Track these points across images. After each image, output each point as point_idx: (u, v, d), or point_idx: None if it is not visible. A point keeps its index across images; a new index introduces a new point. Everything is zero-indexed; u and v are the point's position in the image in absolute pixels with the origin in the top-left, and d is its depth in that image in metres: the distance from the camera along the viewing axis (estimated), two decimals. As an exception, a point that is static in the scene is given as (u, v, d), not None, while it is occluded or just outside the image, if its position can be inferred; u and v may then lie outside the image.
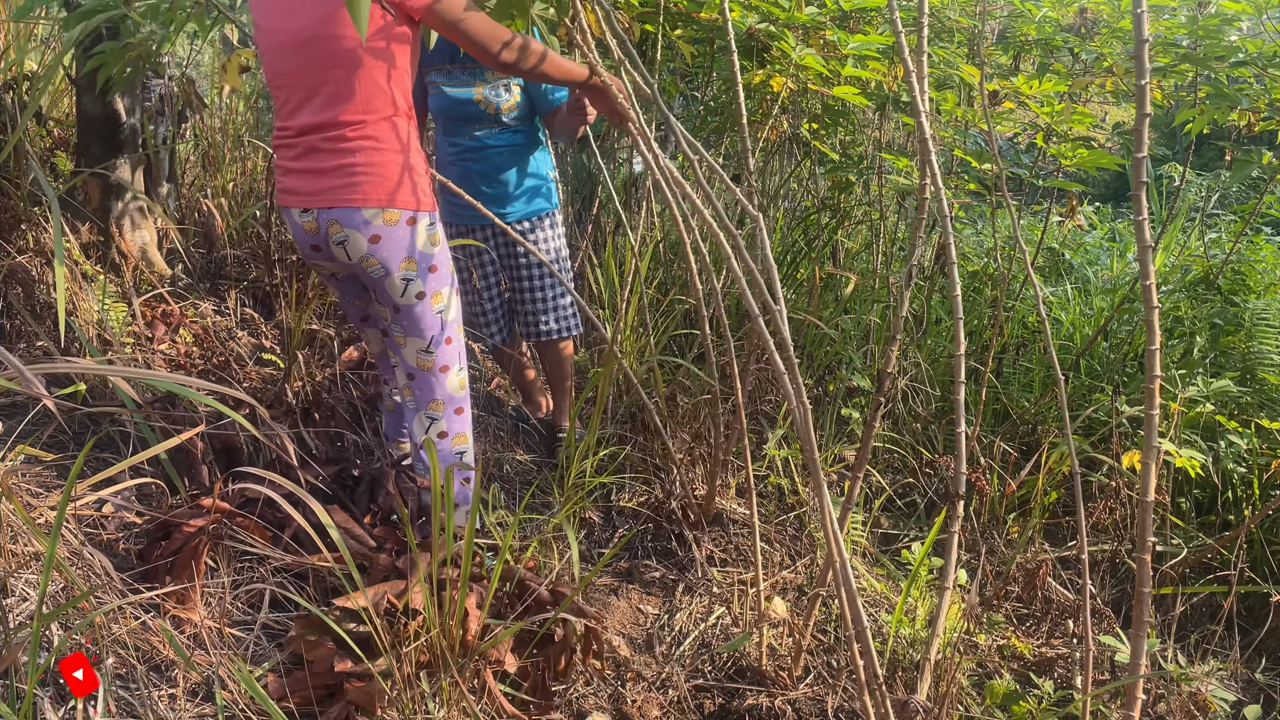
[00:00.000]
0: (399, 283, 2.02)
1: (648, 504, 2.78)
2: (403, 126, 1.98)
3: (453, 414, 2.13)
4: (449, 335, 2.10)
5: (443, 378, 2.11)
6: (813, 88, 3.29)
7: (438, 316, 2.07)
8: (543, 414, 3.33)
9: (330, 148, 1.96)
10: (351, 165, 1.95)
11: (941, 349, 3.76)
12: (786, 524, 2.81)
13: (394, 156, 1.97)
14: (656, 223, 4.44)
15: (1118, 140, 3.61)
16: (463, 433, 2.15)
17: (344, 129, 1.94)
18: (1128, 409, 3.21)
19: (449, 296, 2.09)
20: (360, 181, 1.96)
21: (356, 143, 1.95)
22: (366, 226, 1.97)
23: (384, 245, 1.98)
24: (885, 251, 4.09)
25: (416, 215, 2.01)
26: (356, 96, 1.93)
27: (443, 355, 2.09)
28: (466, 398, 2.16)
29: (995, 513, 3.05)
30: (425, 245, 2.02)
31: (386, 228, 1.97)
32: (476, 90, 2.75)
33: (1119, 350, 4.11)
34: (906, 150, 4.71)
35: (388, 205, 1.97)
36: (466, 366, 2.16)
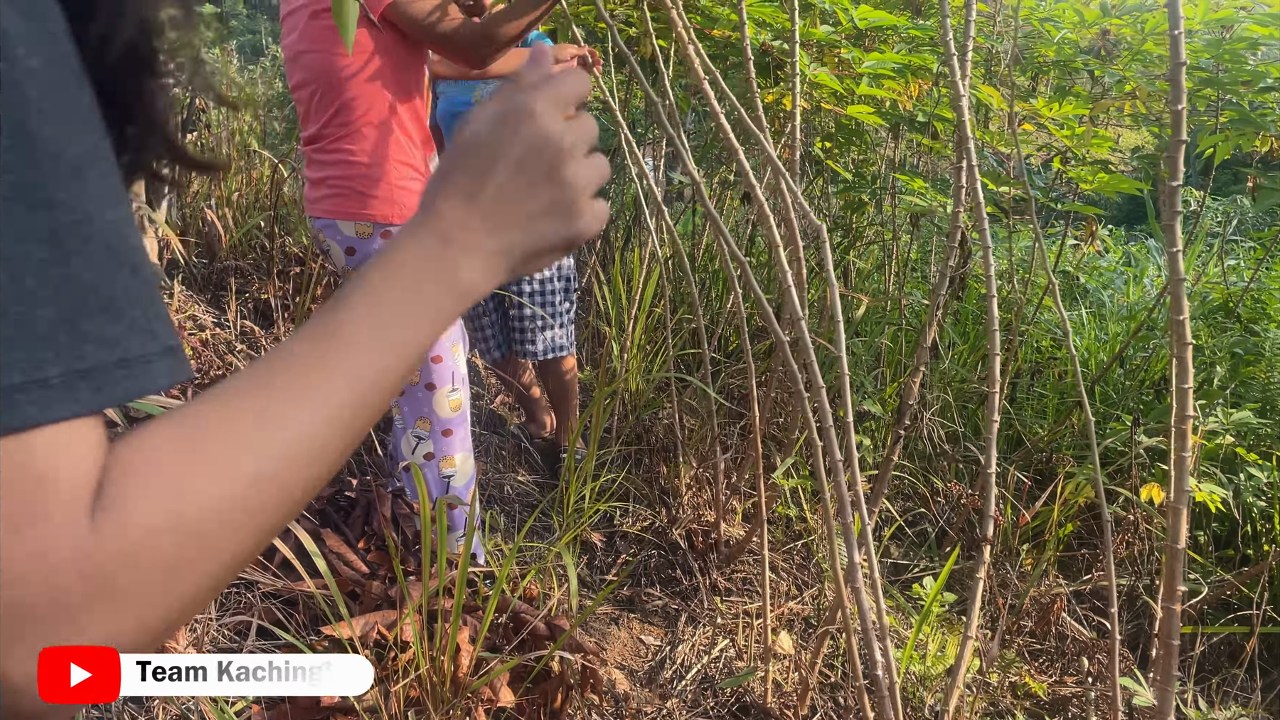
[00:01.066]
0: None
1: (652, 529, 2.71)
2: (383, 138, 1.94)
3: (440, 435, 2.06)
4: (437, 353, 2.02)
5: (429, 395, 2.04)
6: (826, 106, 3.23)
7: None
8: (546, 433, 3.26)
9: (318, 159, 1.97)
10: (329, 178, 1.95)
11: (955, 373, 3.68)
12: (794, 552, 2.74)
13: (368, 169, 1.93)
14: (665, 239, 4.39)
15: (1134, 164, 3.54)
16: (450, 456, 2.08)
17: (325, 141, 1.95)
18: (1145, 439, 3.14)
19: None
20: (336, 194, 1.94)
21: (334, 155, 1.94)
22: (343, 239, 1.95)
23: (358, 259, 1.95)
24: (898, 273, 4.02)
25: (391, 229, 1.95)
26: (334, 109, 1.92)
27: (430, 373, 2.02)
28: (459, 420, 2.09)
29: (1009, 544, 2.97)
30: None
31: (360, 241, 1.94)
32: (476, 92, 2.71)
33: (1134, 376, 4.03)
34: (920, 170, 4.64)
35: (358, 218, 1.93)
36: (462, 388, 2.08)
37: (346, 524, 2.07)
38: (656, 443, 3.05)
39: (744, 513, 2.81)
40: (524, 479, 2.92)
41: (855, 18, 2.92)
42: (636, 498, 2.88)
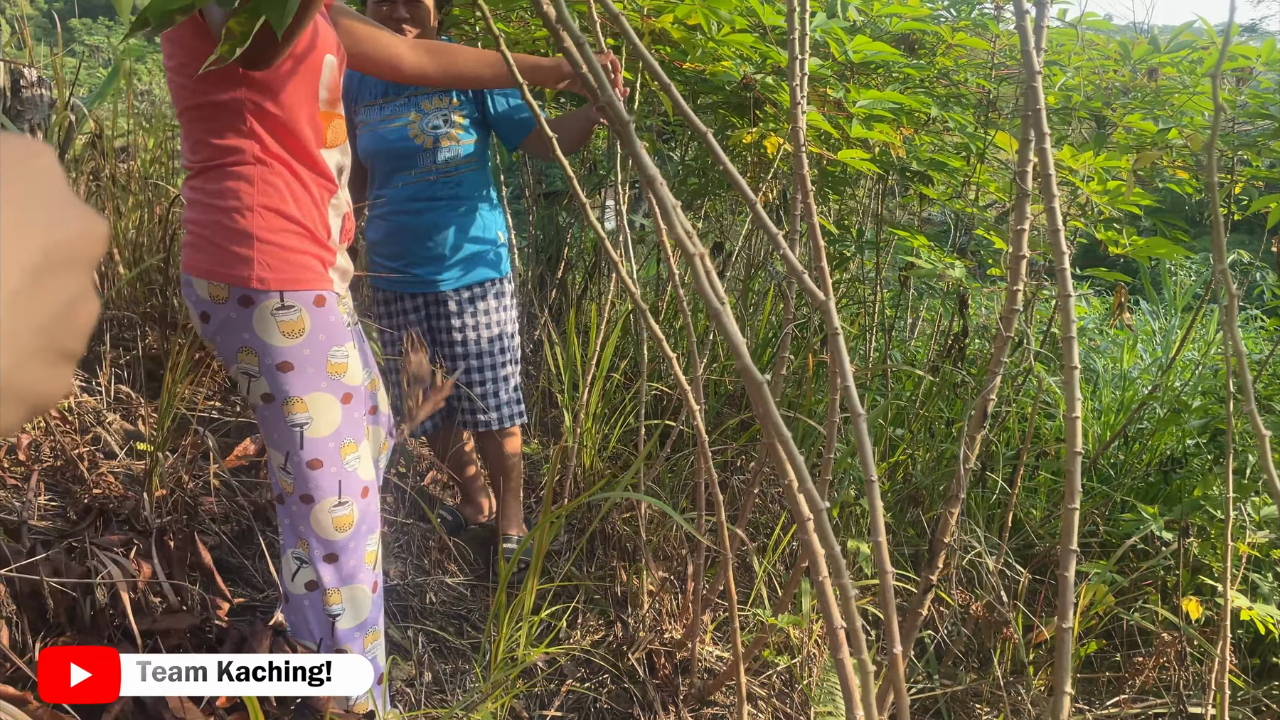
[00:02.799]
0: (240, 377, 1.55)
1: (605, 645, 2.26)
2: (253, 174, 1.49)
3: (322, 561, 1.59)
4: (316, 457, 1.56)
5: (305, 510, 1.58)
6: (813, 150, 2.85)
7: (294, 430, 1.55)
8: (483, 518, 2.80)
9: (185, 197, 1.54)
10: (188, 222, 1.53)
11: (947, 450, 3.28)
12: (774, 676, 2.29)
13: (226, 216, 1.49)
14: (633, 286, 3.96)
15: (1148, 223, 3.20)
16: (335, 589, 1.61)
17: (188, 175, 1.51)
18: (1166, 534, 2.75)
19: (319, 408, 1.55)
20: (190, 243, 1.52)
21: (192, 195, 1.52)
22: (196, 299, 1.52)
23: (213, 327, 1.52)
24: (880, 339, 3.64)
25: (253, 294, 1.50)
26: (191, 140, 1.51)
27: (305, 481, 1.57)
28: (348, 543, 1.61)
29: (1018, 659, 2.56)
30: (271, 334, 1.51)
31: (213, 305, 1.50)
32: (411, 121, 2.28)
33: (1132, 452, 3.67)
34: (901, 223, 4.29)
35: (211, 276, 1.49)
36: (357, 501, 1.62)
37: (209, 668, 1.59)
38: (613, 534, 2.60)
39: (716, 627, 2.37)
40: (453, 581, 2.45)
41: (850, 50, 2.54)
42: (588, 598, 2.42)
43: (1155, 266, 6.49)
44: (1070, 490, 1.20)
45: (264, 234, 1.50)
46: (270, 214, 1.50)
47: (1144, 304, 5.55)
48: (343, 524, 1.59)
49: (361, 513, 1.62)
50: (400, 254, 2.39)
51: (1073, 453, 1.22)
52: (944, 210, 5.14)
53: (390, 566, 2.41)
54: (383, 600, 1.69)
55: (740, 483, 2.72)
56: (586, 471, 2.84)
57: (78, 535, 1.70)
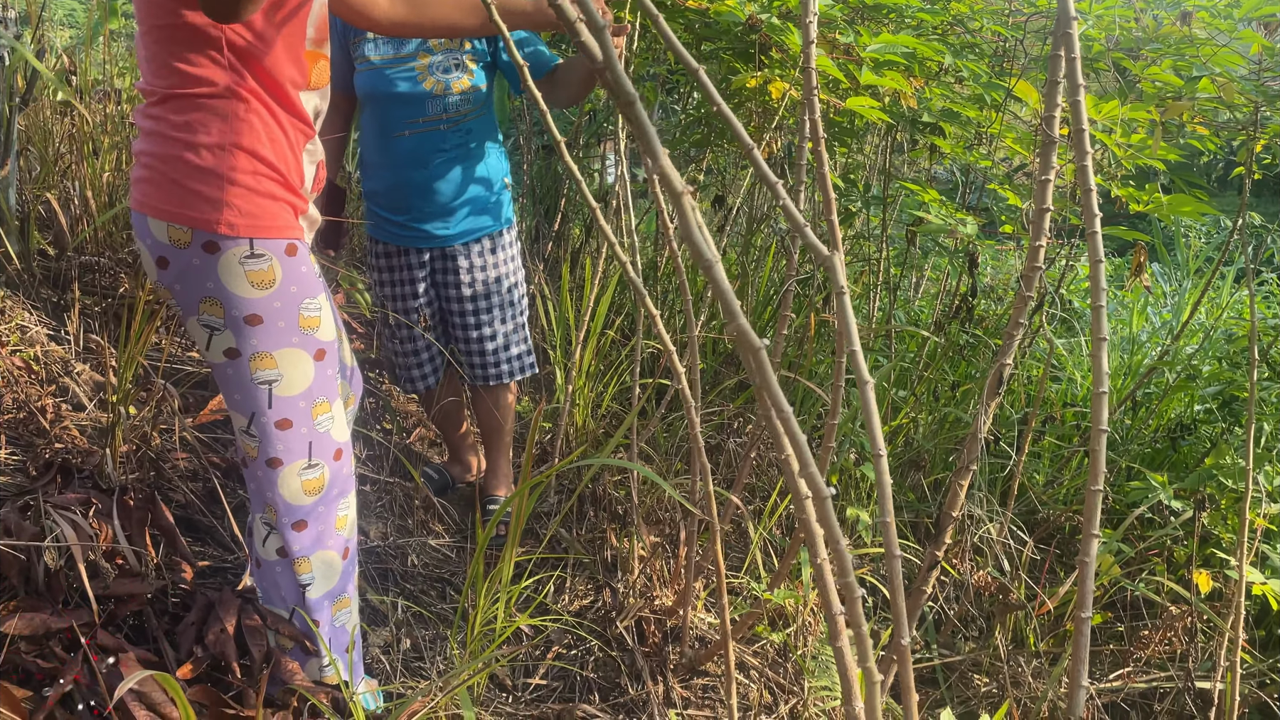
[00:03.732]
0: (199, 330, 1.42)
1: (592, 611, 2.18)
2: (226, 108, 1.36)
3: (290, 529, 1.49)
4: (285, 417, 1.46)
5: (272, 475, 1.47)
6: (821, 97, 2.72)
7: (261, 388, 1.44)
8: (471, 477, 2.71)
9: (139, 123, 1.40)
10: (141, 154, 1.39)
11: (950, 415, 3.19)
12: (768, 646, 2.22)
13: (193, 152, 1.35)
14: (626, 243, 3.84)
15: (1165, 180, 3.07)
16: (304, 558, 1.51)
17: (149, 101, 1.38)
18: (1176, 504, 2.67)
19: (289, 364, 1.44)
20: (146, 177, 1.38)
21: (150, 125, 1.37)
22: (153, 243, 1.38)
23: (172, 274, 1.39)
24: (885, 298, 3.53)
25: (220, 240, 1.37)
26: (155, 62, 1.36)
27: (271, 443, 1.46)
28: (322, 510, 1.52)
29: (1020, 633, 2.48)
30: (239, 284, 1.39)
31: (174, 250, 1.37)
32: (419, 62, 2.14)
33: (1139, 418, 3.58)
34: (908, 178, 4.15)
35: (174, 218, 1.35)
36: (330, 463, 1.52)
37: (172, 638, 1.51)
38: (604, 496, 2.51)
39: (709, 595, 2.29)
40: (436, 543, 2.36)
41: (862, -9, 2.40)
42: (576, 565, 2.34)
43: (1166, 228, 6.35)
44: (1094, 471, 1.10)
45: (235, 175, 1.37)
46: (243, 154, 1.38)
47: (1156, 266, 5.43)
48: (312, 488, 1.49)
49: (333, 476, 1.52)
50: (405, 208, 2.27)
51: (1098, 430, 1.12)
52: (951, 168, 4.99)
53: (371, 527, 2.33)
54: (355, 566, 1.60)
55: (738, 445, 2.63)
56: (579, 431, 2.75)
57: (34, 492, 1.61)
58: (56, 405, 2.02)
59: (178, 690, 1.00)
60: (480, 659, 1.54)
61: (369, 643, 1.92)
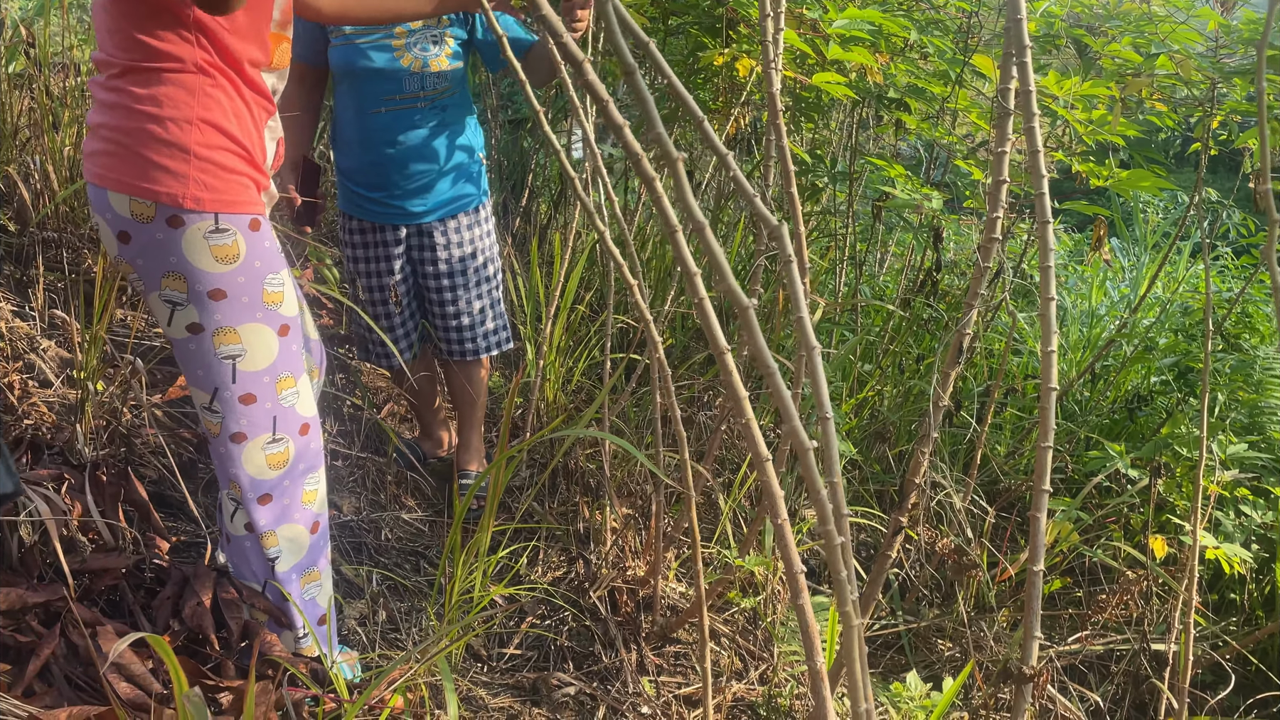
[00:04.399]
0: (161, 305, 1.41)
1: (565, 582, 2.21)
2: (192, 83, 1.36)
3: (255, 503, 1.50)
4: (249, 391, 1.46)
5: (236, 450, 1.47)
6: (788, 74, 2.74)
7: (224, 363, 1.44)
8: (443, 451, 2.72)
9: (97, 96, 1.39)
10: (100, 126, 1.37)
11: (914, 387, 3.24)
12: (737, 614, 2.26)
13: (159, 125, 1.35)
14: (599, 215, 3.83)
15: (1124, 155, 3.13)
16: (271, 531, 1.52)
17: (108, 73, 1.38)
18: (1133, 472, 2.74)
19: (253, 339, 1.45)
20: (109, 150, 1.36)
21: (111, 97, 1.36)
22: (114, 218, 1.37)
23: (134, 248, 1.38)
24: (850, 273, 3.57)
25: (184, 215, 1.36)
26: (119, 34, 1.35)
27: (235, 418, 1.46)
28: (287, 485, 1.53)
29: (983, 599, 2.55)
30: (203, 259, 1.38)
31: (137, 225, 1.36)
32: (397, 39, 2.13)
33: (1097, 390, 3.66)
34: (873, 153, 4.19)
35: (136, 191, 1.35)
36: (294, 438, 1.52)
37: (149, 612, 1.52)
38: (576, 469, 2.53)
39: (682, 565, 2.32)
40: (409, 517, 2.38)
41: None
42: (549, 535, 2.37)
43: (1125, 203, 6.45)
44: (1044, 429, 1.14)
45: (201, 149, 1.37)
46: (209, 128, 1.38)
47: (1114, 241, 5.52)
48: (276, 461, 1.50)
49: (299, 451, 1.53)
50: (382, 184, 2.26)
51: (1047, 389, 1.16)
52: (916, 143, 5.04)
53: (344, 501, 2.33)
54: (326, 542, 1.61)
55: (708, 418, 2.66)
56: (549, 405, 2.77)
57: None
58: (24, 382, 2.01)
59: (168, 651, 1.02)
60: (458, 627, 1.57)
61: (345, 615, 1.93)
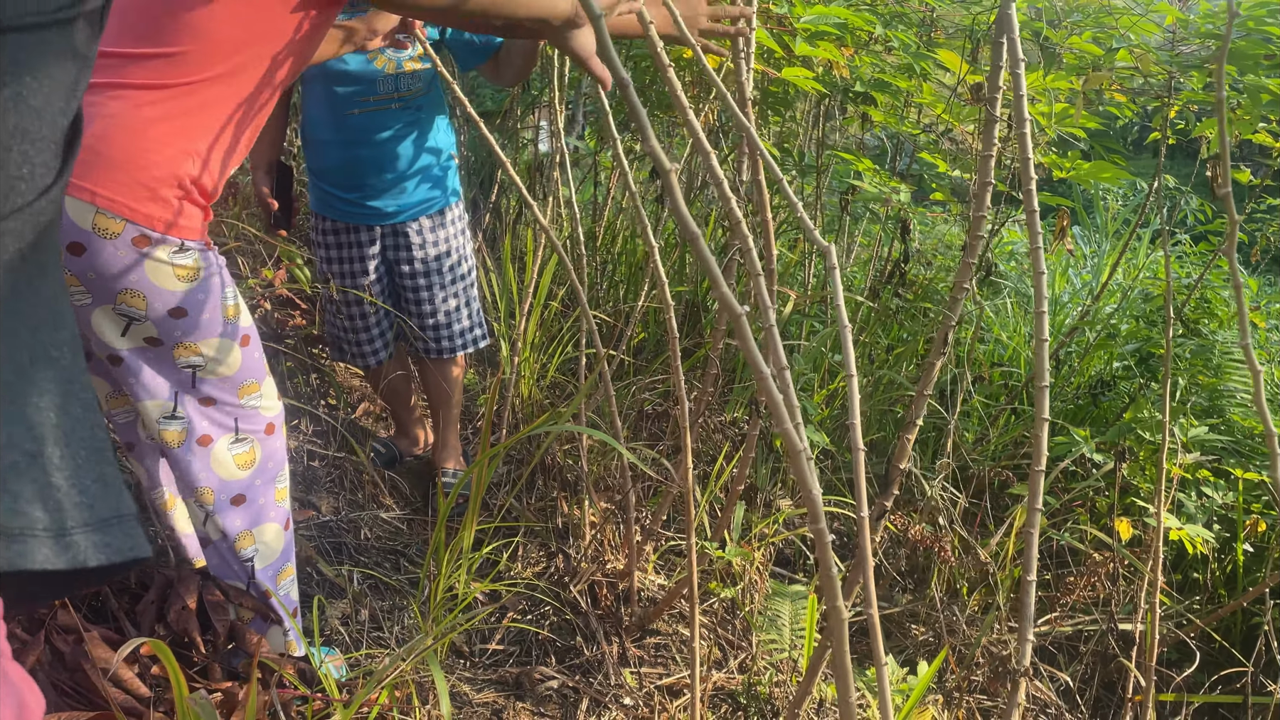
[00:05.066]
0: (115, 318, 1.36)
1: (545, 577, 2.23)
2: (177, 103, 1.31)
3: (228, 504, 1.49)
4: (207, 395, 1.45)
5: (204, 453, 1.46)
6: (756, 68, 2.76)
7: (185, 371, 1.42)
8: (419, 449, 2.73)
9: (92, 98, 1.29)
10: (97, 137, 1.29)
11: (884, 377, 3.29)
12: (716, 604, 2.29)
13: (169, 147, 1.32)
14: (564, 214, 3.85)
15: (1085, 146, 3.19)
16: (246, 531, 1.52)
17: (150, 87, 1.30)
18: (1097, 456, 2.81)
19: (214, 350, 1.43)
20: (81, 159, 1.26)
21: (152, 112, 1.30)
22: (67, 226, 1.29)
23: (87, 261, 1.31)
24: (819, 265, 3.61)
25: (152, 235, 1.33)
26: (163, 42, 1.28)
27: (198, 422, 1.45)
28: (259, 484, 1.53)
29: (954, 584, 2.60)
30: (165, 279, 1.35)
31: (96, 238, 1.29)
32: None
33: (1061, 376, 3.73)
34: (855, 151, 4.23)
35: (108, 206, 1.29)
36: (260, 439, 1.53)
37: (133, 616, 1.52)
38: (553, 465, 2.55)
39: (660, 557, 2.35)
40: (388, 516, 2.39)
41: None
42: (529, 530, 2.38)
43: (1085, 192, 6.56)
44: (1037, 454, 1.19)
45: (185, 177, 1.34)
46: (191, 158, 1.34)
47: (1076, 229, 5.62)
48: (244, 462, 1.50)
49: (267, 451, 1.53)
50: (356, 186, 2.26)
51: (1040, 419, 1.20)
52: (880, 135, 5.09)
53: (322, 501, 2.34)
54: (293, 537, 1.62)
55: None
56: (525, 402, 2.78)
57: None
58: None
59: (169, 656, 1.03)
60: (444, 624, 1.58)
61: (327, 615, 1.94)
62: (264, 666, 1.49)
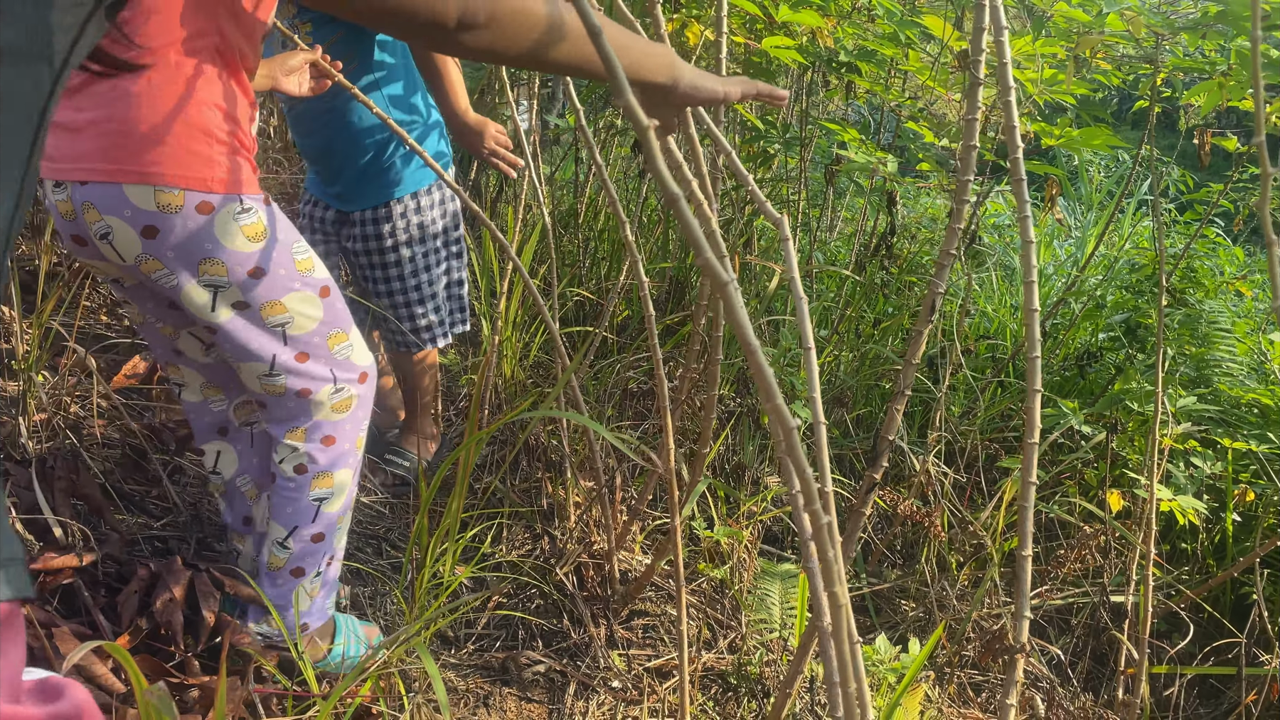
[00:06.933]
0: (201, 291, 1.38)
1: (531, 560, 2.19)
2: (210, 74, 1.32)
3: (320, 443, 1.52)
4: (302, 351, 1.48)
5: (304, 403, 1.50)
6: (737, 39, 2.71)
7: (275, 330, 1.45)
8: (398, 423, 2.68)
9: (90, 89, 1.29)
10: (102, 121, 1.28)
11: (870, 351, 3.26)
12: (705, 583, 2.26)
13: (176, 110, 1.30)
14: (545, 190, 3.79)
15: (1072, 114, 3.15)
16: (328, 472, 1.54)
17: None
18: (1086, 428, 2.79)
19: (298, 305, 1.46)
20: (114, 145, 1.29)
21: (121, 86, 1.28)
22: (134, 214, 1.31)
23: (164, 240, 1.33)
24: (804, 239, 3.57)
25: (213, 199, 1.35)
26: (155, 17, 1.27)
27: (297, 376, 1.48)
28: (349, 429, 1.56)
29: (944, 559, 2.58)
30: (236, 240, 1.37)
31: (164, 216, 1.32)
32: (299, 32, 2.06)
33: (1050, 348, 3.71)
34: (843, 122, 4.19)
35: (160, 180, 1.30)
36: (354, 386, 1.55)
37: (109, 610, 1.47)
38: (537, 445, 2.51)
39: (647, 537, 2.32)
40: (368, 500, 2.34)
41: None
42: (514, 513, 2.35)
43: (1070, 162, 6.54)
44: (1029, 426, 1.16)
45: (219, 133, 1.35)
46: (221, 113, 1.35)
47: (1061, 200, 5.60)
48: (342, 407, 1.53)
49: (361, 398, 1.57)
50: (318, 171, 2.22)
51: (1033, 390, 1.17)
52: (863, 109, 5.04)
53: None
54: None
55: (670, 391, 2.64)
56: (508, 381, 2.74)
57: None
58: (-41, 376, 1.94)
59: (127, 657, 0.98)
60: (430, 612, 1.55)
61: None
62: (247, 657, 1.45)
